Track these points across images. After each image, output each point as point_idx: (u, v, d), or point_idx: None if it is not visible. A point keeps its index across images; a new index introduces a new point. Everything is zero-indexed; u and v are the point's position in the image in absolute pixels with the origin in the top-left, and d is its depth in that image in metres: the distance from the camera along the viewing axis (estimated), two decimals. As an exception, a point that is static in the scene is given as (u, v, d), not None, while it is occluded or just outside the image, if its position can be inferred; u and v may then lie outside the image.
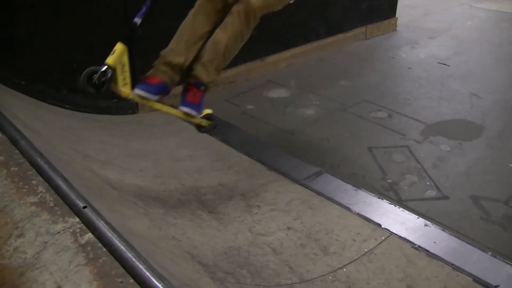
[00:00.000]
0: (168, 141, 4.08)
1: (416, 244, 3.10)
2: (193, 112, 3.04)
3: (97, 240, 1.89)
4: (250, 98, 5.08)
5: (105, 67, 2.64)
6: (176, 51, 2.95)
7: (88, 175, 2.89)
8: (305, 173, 3.79)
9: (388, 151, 4.26)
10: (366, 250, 3.01)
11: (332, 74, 5.92)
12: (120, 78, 2.73)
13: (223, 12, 3.00)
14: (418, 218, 3.39)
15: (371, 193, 3.62)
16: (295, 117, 4.77)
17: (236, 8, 2.94)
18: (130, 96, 2.78)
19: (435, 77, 6.08)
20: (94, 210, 2.02)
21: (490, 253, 3.09)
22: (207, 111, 3.24)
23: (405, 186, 3.77)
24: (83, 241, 1.93)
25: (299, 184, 3.62)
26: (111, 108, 4.39)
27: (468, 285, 2.81)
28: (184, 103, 3.03)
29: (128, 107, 4.45)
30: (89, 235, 1.94)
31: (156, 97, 2.89)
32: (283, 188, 3.55)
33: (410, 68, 6.37)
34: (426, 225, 3.33)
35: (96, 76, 2.60)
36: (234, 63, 5.20)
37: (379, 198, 3.58)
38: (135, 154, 3.75)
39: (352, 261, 2.91)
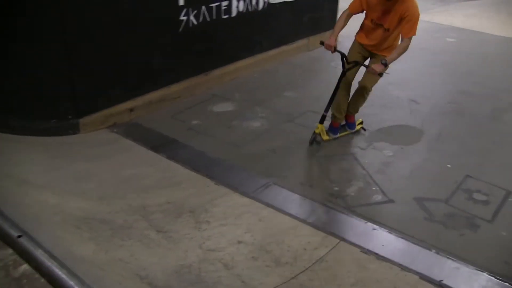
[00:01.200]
0: (113, 160, 3.99)
1: (365, 249, 3.18)
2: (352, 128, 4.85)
3: (34, 271, 1.79)
4: (196, 113, 5.04)
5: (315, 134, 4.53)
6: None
7: (26, 201, 2.77)
8: (254, 185, 3.79)
9: (334, 159, 4.32)
10: (317, 258, 3.04)
11: (277, 86, 5.96)
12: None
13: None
14: (366, 223, 3.47)
15: (320, 202, 3.67)
16: (241, 130, 4.77)
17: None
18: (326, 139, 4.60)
19: (376, 85, 6.21)
20: (31, 238, 1.92)
21: (434, 250, 3.23)
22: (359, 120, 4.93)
23: (352, 193, 3.83)
24: (16, 274, 1.82)
25: (248, 197, 3.62)
26: (50, 129, 4.26)
27: (416, 283, 2.92)
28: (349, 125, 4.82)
29: (69, 127, 4.33)
30: (25, 266, 1.83)
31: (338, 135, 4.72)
32: (232, 202, 3.53)
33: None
34: (374, 229, 3.41)
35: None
36: (178, 78, 5.21)
37: (328, 206, 3.63)
38: (78, 176, 3.64)
39: (304, 270, 2.94)
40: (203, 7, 5.22)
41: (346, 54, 4.54)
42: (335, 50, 4.37)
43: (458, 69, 6.95)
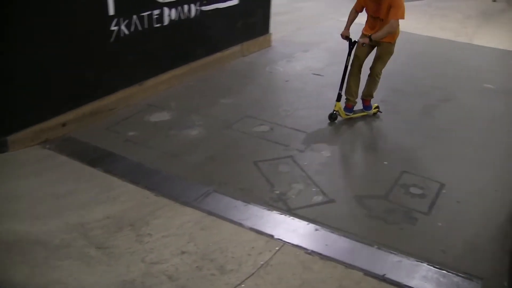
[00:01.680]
0: (46, 178, 3.84)
1: (309, 250, 3.23)
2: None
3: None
4: (132, 124, 4.95)
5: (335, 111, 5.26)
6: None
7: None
8: (194, 194, 3.77)
9: (273, 163, 4.36)
10: (262, 262, 3.06)
11: (213, 93, 5.95)
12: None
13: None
14: (308, 224, 3.52)
15: (261, 206, 3.70)
16: (179, 139, 4.73)
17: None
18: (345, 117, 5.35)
19: (311, 87, 6.36)
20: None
21: (376, 246, 3.33)
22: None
23: (293, 195, 3.88)
24: None
25: (189, 207, 3.59)
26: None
27: (360, 279, 3.01)
28: (366, 107, 5.51)
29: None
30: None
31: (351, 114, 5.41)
32: (173, 213, 3.50)
33: (287, 81, 6.61)
34: (316, 229, 3.47)
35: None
36: (112, 89, 5.10)
37: (269, 210, 3.66)
38: (8, 197, 3.47)
39: (250, 276, 2.95)
40: (134, 16, 5.15)
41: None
42: (347, 38, 5.29)
43: (389, 68, 7.19)
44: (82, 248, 2.97)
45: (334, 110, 5.25)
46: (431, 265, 3.17)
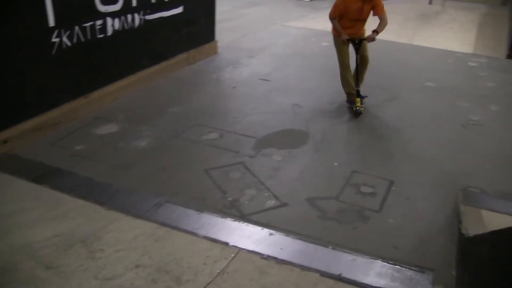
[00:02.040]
0: (-12, 198, 3.70)
1: (264, 255, 3.25)
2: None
3: None
4: (78, 138, 4.83)
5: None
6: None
7: None
8: (146, 206, 3.72)
9: (224, 170, 4.36)
10: (218, 271, 3.06)
11: (160, 102, 5.90)
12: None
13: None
14: (262, 229, 3.54)
15: (214, 214, 3.69)
16: (128, 151, 4.65)
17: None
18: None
19: (259, 93, 6.41)
20: None
21: (330, 247, 3.40)
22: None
23: (246, 201, 3.90)
24: None
25: (142, 219, 3.55)
26: None
27: (317, 281, 3.06)
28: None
29: None
30: None
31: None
32: (125, 226, 3.44)
33: (235, 87, 6.64)
34: (271, 234, 3.49)
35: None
36: (56, 103, 4.96)
37: (223, 217, 3.66)
38: None
39: (207, 285, 2.94)
40: (76, 28, 5.03)
41: (337, 49, 5.99)
42: (348, 40, 5.72)
43: (335, 71, 7.37)
44: (30, 270, 2.87)
45: (357, 107, 5.69)
46: (385, 261, 3.26)
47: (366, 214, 3.82)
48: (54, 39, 4.80)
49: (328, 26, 7.13)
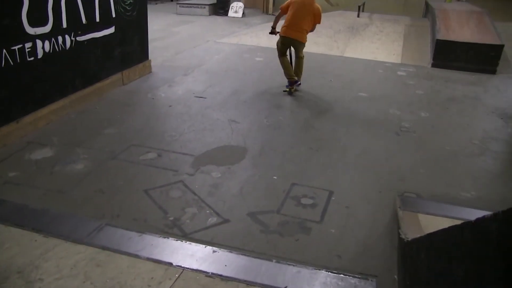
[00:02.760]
0: None
1: (209, 272, 3.29)
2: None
3: None
4: (11, 164, 4.69)
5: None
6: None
7: None
8: (86, 230, 3.68)
9: (164, 189, 4.38)
10: (163, 292, 3.06)
11: (95, 124, 5.83)
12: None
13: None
14: (205, 247, 3.59)
15: (156, 235, 3.70)
16: (64, 175, 4.57)
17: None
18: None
19: (195, 110, 6.47)
20: None
21: (274, 260, 3.48)
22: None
23: (187, 220, 3.93)
24: None
25: (82, 244, 3.50)
26: None
27: (264, 294, 3.10)
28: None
29: None
30: None
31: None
32: (65, 252, 3.38)
33: (171, 106, 6.66)
34: (214, 251, 3.54)
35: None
36: (-16, 130, 4.80)
37: (165, 237, 3.68)
38: None
39: (152, 307, 2.94)
40: (4, 51, 4.91)
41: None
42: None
43: (269, 85, 7.57)
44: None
45: (291, 90, 7.39)
46: (329, 271, 3.37)
47: (307, 225, 3.94)
48: (-20, 63, 4.67)
49: (260, 41, 7.56)
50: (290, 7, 7.23)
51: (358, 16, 14.49)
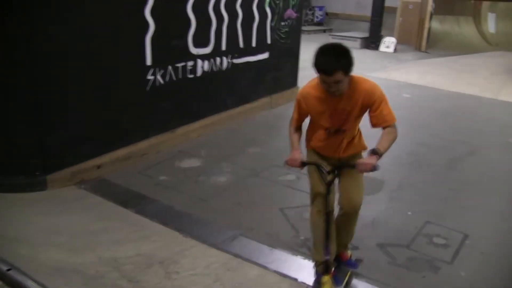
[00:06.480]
0: (82, 215, 4.02)
1: (334, 292, 3.27)
2: None
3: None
4: (163, 169, 5.14)
5: None
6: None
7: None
8: (221, 237, 3.88)
9: (298, 210, 4.45)
10: (285, 304, 3.12)
11: (241, 142, 6.15)
12: None
13: None
14: (331, 268, 3.57)
15: (286, 251, 3.77)
16: (207, 185, 4.88)
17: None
18: None
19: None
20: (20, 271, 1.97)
21: (399, 292, 3.35)
22: None
23: (317, 241, 3.95)
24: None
25: (216, 248, 3.70)
26: (18, 185, 4.29)
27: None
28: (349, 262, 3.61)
29: (36, 183, 4.36)
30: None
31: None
32: (200, 253, 3.61)
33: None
34: (339, 274, 3.52)
35: None
36: (145, 135, 5.33)
37: (294, 254, 3.74)
38: (48, 230, 3.66)
39: (274, 315, 3.01)
40: (169, 67, 5.44)
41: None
42: (302, 164, 3.28)
43: (415, 123, 7.33)
44: (115, 280, 3.10)
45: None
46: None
47: (436, 264, 3.75)
48: (149, 77, 5.23)
49: (409, 77, 7.11)
50: None
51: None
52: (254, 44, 6.85)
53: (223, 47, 6.23)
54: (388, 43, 15.81)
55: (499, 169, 5.88)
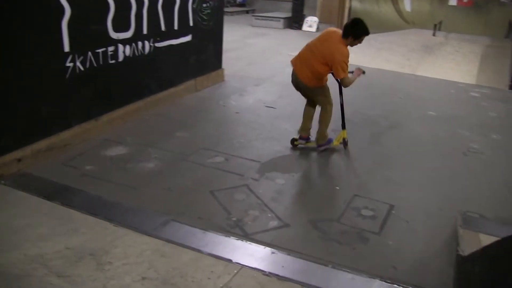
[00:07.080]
0: (2, 213, 3.83)
1: (266, 271, 3.37)
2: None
3: None
4: (89, 159, 5.00)
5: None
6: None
7: None
8: (153, 224, 3.85)
9: (229, 192, 4.50)
10: (221, 285, 3.17)
11: (168, 127, 6.09)
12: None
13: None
14: (265, 248, 3.66)
15: (219, 233, 3.81)
16: (136, 172, 4.81)
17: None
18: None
19: (264, 119, 6.60)
20: None
21: (330, 266, 3.50)
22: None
23: (249, 221, 4.02)
24: None
25: (148, 235, 3.67)
26: None
27: (316, 297, 3.14)
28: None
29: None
30: None
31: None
32: (132, 242, 3.57)
33: (237, 112, 6.85)
34: (273, 252, 3.61)
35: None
36: (67, 125, 5.15)
37: (227, 236, 3.78)
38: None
39: (210, 298, 3.04)
40: (89, 53, 5.26)
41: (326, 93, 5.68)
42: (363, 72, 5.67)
43: (338, 99, 7.53)
44: (43, 277, 3.00)
45: (344, 138, 5.70)
46: (383, 281, 3.35)
47: (366, 235, 3.93)
48: (68, 64, 5.02)
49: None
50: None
51: (433, 35, 14.21)
52: (176, 27, 6.75)
53: (145, 31, 6.10)
54: (311, 22, 16.08)
55: (420, 141, 6.21)
